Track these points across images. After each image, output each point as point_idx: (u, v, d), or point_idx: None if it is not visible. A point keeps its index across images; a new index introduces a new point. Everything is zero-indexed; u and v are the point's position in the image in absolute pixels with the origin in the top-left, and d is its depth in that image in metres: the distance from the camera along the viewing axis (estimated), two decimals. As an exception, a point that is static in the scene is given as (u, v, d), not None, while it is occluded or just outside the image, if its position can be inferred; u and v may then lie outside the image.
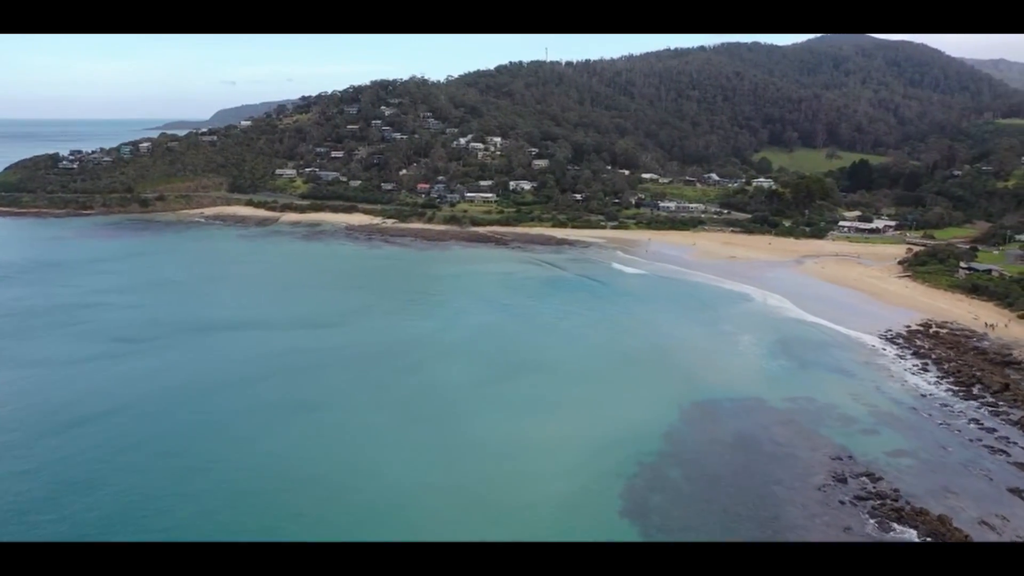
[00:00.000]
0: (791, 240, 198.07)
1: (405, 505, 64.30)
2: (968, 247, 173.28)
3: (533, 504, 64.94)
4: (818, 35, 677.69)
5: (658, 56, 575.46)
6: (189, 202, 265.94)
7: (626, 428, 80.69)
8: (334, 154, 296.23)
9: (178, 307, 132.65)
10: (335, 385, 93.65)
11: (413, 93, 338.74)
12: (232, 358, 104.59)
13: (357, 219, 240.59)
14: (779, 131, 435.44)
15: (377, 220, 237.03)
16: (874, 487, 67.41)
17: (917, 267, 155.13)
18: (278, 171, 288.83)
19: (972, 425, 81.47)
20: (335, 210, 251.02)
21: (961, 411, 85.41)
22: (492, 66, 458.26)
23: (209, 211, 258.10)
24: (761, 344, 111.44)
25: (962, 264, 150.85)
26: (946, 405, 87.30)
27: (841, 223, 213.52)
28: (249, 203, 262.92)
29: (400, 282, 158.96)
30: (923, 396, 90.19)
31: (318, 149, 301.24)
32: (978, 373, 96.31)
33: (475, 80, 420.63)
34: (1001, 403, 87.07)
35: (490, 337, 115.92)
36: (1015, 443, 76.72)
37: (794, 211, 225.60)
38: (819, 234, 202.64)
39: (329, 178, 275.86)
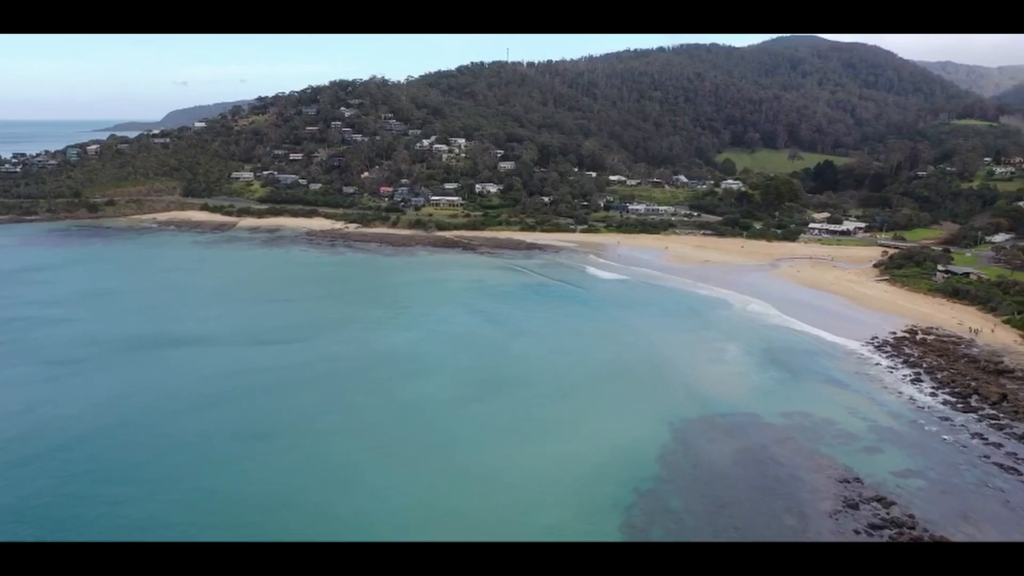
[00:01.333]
0: (763, 243, 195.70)
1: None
2: (941, 249, 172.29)
3: (524, 541, 59.35)
4: (774, 36, 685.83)
5: (619, 57, 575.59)
6: (141, 207, 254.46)
7: (618, 450, 75.60)
8: (293, 156, 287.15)
9: (119, 321, 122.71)
10: (298, 409, 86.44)
11: (373, 94, 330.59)
12: (179, 380, 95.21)
13: (318, 224, 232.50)
14: (741, 132, 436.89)
15: (339, 225, 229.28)
16: (888, 513, 63.20)
17: (894, 270, 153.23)
18: (234, 174, 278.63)
19: (976, 440, 78.05)
20: (295, 214, 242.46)
21: (962, 424, 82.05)
22: (453, 66, 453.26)
23: (162, 216, 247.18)
24: (748, 353, 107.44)
25: (939, 267, 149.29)
26: (946, 418, 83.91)
27: (812, 225, 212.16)
28: (204, 208, 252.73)
29: (367, 291, 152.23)
30: (921, 408, 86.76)
31: (276, 151, 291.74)
32: (973, 383, 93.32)
33: (436, 81, 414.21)
34: (1002, 415, 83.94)
35: (467, 349, 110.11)
36: (1024, 460, 73.45)
37: (764, 213, 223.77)
38: (791, 236, 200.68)
39: (288, 181, 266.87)
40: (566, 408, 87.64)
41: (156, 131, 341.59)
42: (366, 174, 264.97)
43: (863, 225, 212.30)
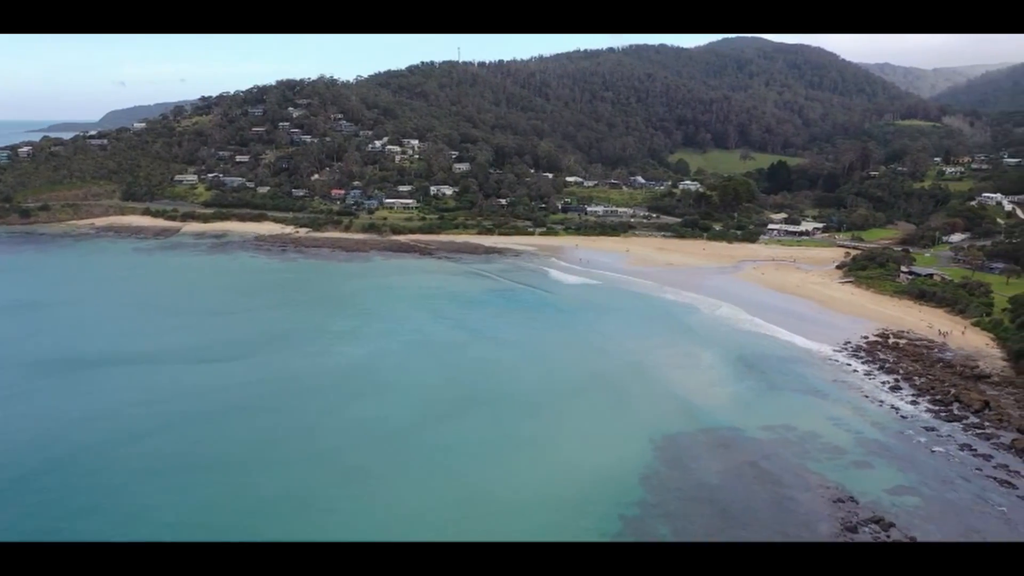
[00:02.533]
0: (724, 244, 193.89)
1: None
2: (901, 250, 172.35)
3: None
4: (720, 37, 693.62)
5: (569, 57, 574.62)
6: (78, 212, 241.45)
7: (599, 473, 70.93)
8: (239, 158, 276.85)
9: (46, 338, 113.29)
10: (250, 435, 79.45)
11: (322, 94, 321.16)
12: (113, 405, 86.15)
13: (267, 228, 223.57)
14: (693, 132, 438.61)
15: (289, 229, 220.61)
16: (888, 536, 59.82)
17: (858, 272, 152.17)
18: (177, 177, 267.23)
19: (965, 452, 75.50)
20: (242, 219, 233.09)
21: (949, 435, 79.55)
22: (403, 66, 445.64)
23: (100, 221, 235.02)
24: (724, 361, 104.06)
25: (903, 268, 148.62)
26: (931, 428, 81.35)
27: (771, 226, 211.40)
28: (146, 212, 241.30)
29: (322, 300, 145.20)
30: (905, 418, 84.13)
31: (221, 153, 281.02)
32: (952, 389, 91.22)
33: (387, 80, 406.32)
34: (987, 424, 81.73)
35: (431, 362, 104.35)
36: (1017, 472, 70.88)
37: (722, 214, 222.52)
38: (751, 238, 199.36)
39: (235, 184, 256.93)
40: (540, 426, 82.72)
41: (93, 132, 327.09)
42: (316, 176, 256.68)
43: (820, 225, 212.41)
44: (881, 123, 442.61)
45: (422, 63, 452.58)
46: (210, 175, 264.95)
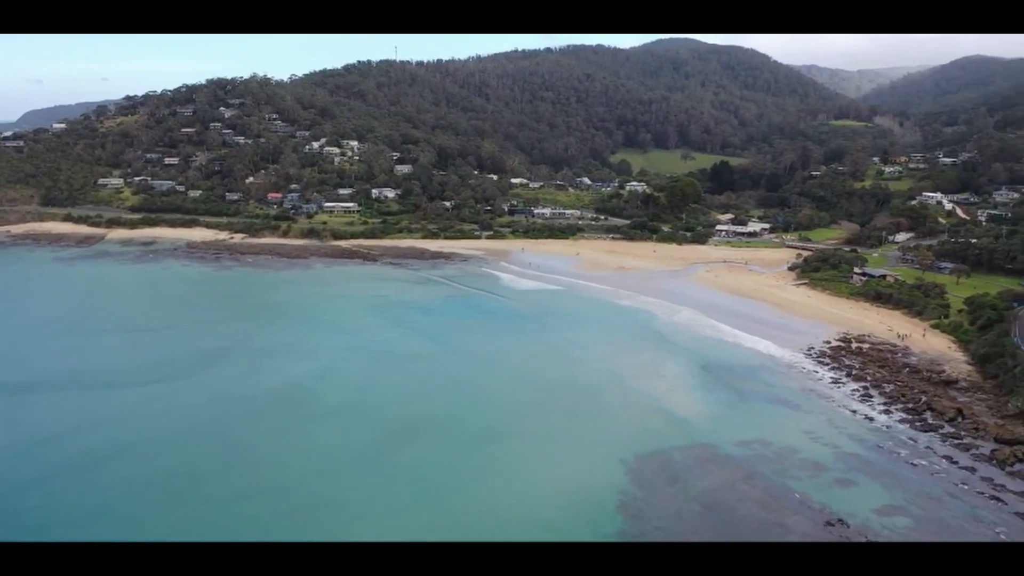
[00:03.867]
0: (675, 246, 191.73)
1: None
2: (850, 250, 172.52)
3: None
4: (655, 38, 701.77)
5: (507, 57, 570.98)
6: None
7: (571, 501, 65.59)
8: (168, 161, 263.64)
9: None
10: (181, 469, 71.05)
11: (255, 93, 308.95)
12: (14, 440, 76.84)
13: (199, 234, 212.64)
14: (633, 133, 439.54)
15: (224, 235, 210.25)
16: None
17: (811, 274, 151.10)
18: (101, 181, 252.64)
19: (947, 464, 72.91)
20: (173, 224, 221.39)
21: (928, 447, 76.96)
22: (339, 65, 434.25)
23: (17, 228, 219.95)
24: (689, 372, 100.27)
25: (856, 270, 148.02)
26: (909, 440, 78.65)
27: (718, 227, 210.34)
28: (67, 218, 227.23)
29: (259, 311, 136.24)
30: (880, 429, 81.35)
31: (148, 155, 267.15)
32: (923, 397, 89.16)
33: (323, 80, 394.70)
34: (963, 433, 79.50)
35: (381, 379, 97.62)
36: (1003, 486, 68.39)
37: (670, 215, 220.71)
38: (700, 240, 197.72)
39: (164, 188, 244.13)
40: (503, 450, 76.90)
41: (9, 133, 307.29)
42: (251, 179, 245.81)
43: (767, 226, 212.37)
44: (816, 123, 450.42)
45: (359, 62, 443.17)
46: (137, 178, 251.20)
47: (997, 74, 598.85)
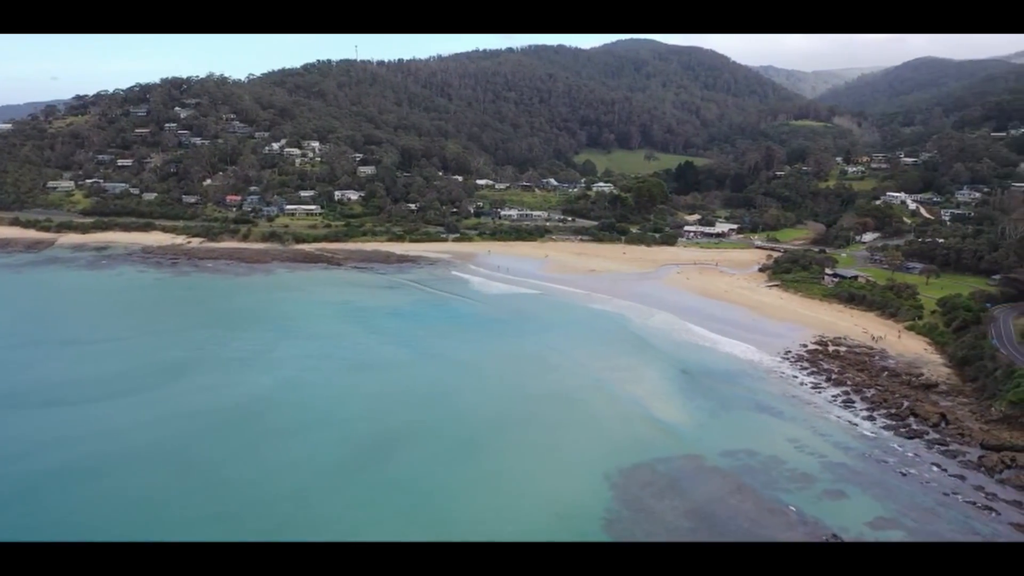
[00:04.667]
0: (644, 248, 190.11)
1: None
2: (818, 250, 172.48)
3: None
4: (615, 39, 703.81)
5: (469, 57, 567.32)
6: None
7: (555, 521, 62.55)
8: (121, 162, 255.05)
9: None
10: (142, 492, 66.37)
11: (212, 93, 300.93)
12: None
13: (155, 238, 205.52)
14: (597, 133, 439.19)
15: (181, 239, 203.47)
16: (885, 582, 54.16)
17: (783, 275, 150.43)
18: (51, 183, 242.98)
19: (936, 472, 71.53)
20: (127, 229, 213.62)
21: (915, 454, 75.50)
22: (298, 64, 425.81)
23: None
24: (667, 378, 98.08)
25: (827, 271, 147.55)
26: (895, 447, 77.19)
27: (686, 228, 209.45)
28: (15, 223, 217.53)
29: (220, 319, 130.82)
30: (865, 437, 79.84)
31: (101, 157, 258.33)
32: (905, 402, 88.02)
33: (282, 79, 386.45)
34: (948, 439, 78.27)
35: (349, 392, 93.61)
36: (994, 494, 67.08)
37: (638, 216, 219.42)
38: (669, 241, 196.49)
39: (117, 191, 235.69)
40: (483, 466, 73.72)
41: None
42: (209, 181, 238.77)
43: (734, 226, 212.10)
44: (776, 123, 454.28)
45: (318, 61, 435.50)
46: (89, 181, 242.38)
47: (949, 75, 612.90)
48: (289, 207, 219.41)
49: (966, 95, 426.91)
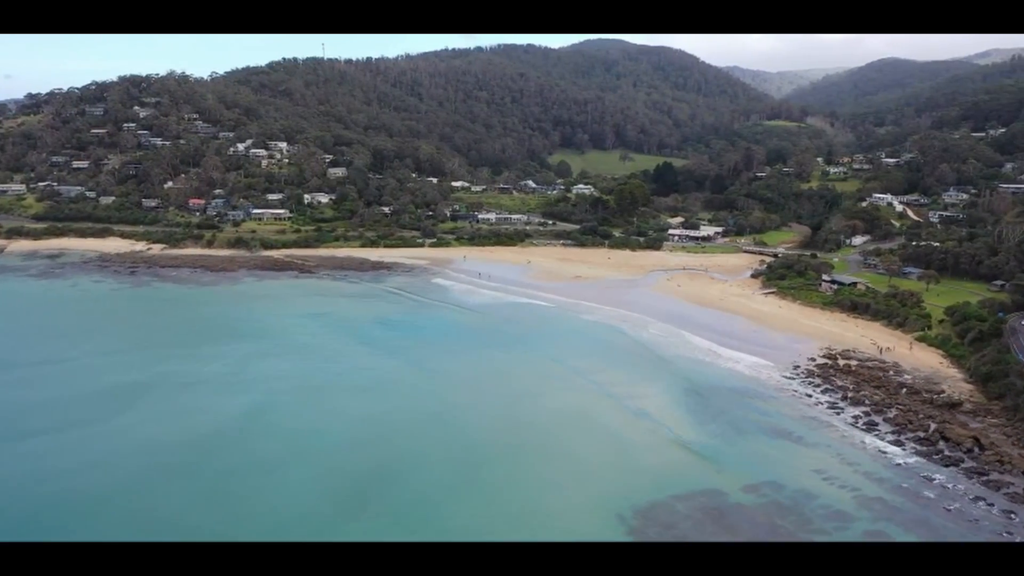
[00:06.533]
0: (629, 253, 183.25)
1: None
2: (810, 254, 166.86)
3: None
4: (584, 38, 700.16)
5: (438, 56, 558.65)
6: None
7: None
8: (76, 164, 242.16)
9: None
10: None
11: (173, 91, 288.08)
12: None
13: (113, 245, 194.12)
14: (570, 133, 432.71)
15: (140, 246, 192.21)
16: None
17: (778, 281, 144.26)
18: (1, 186, 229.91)
19: (982, 506, 64.99)
20: (83, 234, 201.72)
21: (954, 486, 68.90)
22: (263, 62, 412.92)
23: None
24: (673, 398, 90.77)
25: (824, 277, 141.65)
26: (930, 477, 70.57)
27: (671, 231, 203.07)
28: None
29: (182, 335, 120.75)
30: (898, 466, 73.14)
31: (55, 158, 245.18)
32: (931, 423, 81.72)
33: (246, 78, 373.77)
34: (987, 467, 71.95)
35: (327, 419, 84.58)
36: (1053, 534, 60.81)
37: (620, 219, 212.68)
38: (654, 245, 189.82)
39: (72, 194, 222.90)
40: (480, 508, 65.61)
41: None
42: (170, 184, 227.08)
43: (719, 229, 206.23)
44: (750, 124, 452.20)
45: (284, 59, 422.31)
46: (41, 184, 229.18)
47: (913, 76, 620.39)
48: (256, 211, 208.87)
49: (936, 95, 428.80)
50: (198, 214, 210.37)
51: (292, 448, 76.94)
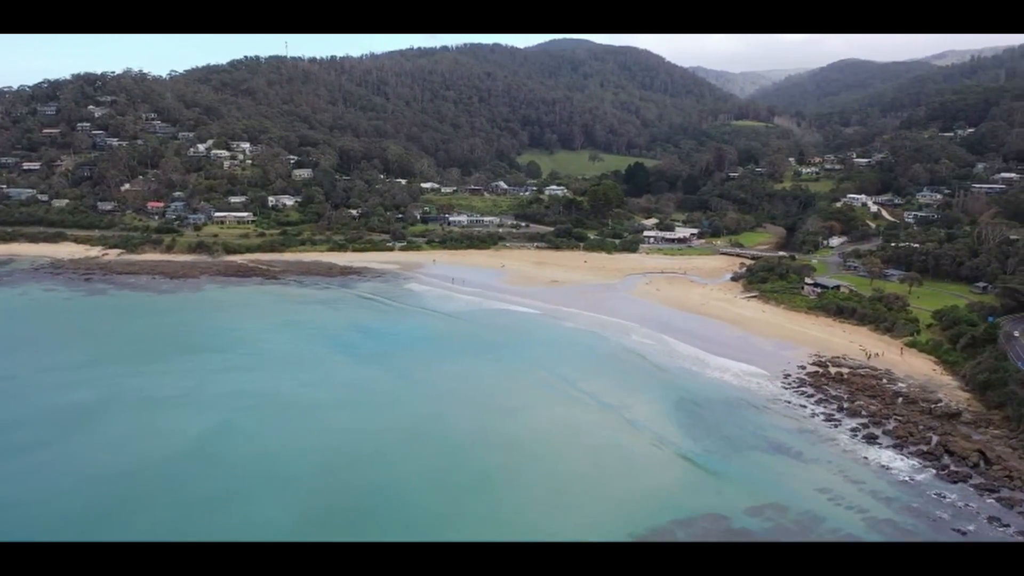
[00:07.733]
0: (605, 255, 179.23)
1: None
2: (788, 256, 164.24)
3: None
4: (550, 38, 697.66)
5: (404, 55, 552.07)
6: None
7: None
8: (27, 166, 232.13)
9: None
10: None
11: (130, 90, 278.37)
12: None
13: (67, 250, 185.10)
14: (539, 133, 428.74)
15: (96, 252, 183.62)
16: None
17: (759, 285, 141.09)
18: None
19: (996, 528, 61.64)
20: (34, 239, 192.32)
21: (965, 504, 65.47)
22: (224, 61, 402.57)
23: None
24: (663, 412, 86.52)
25: (807, 280, 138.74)
26: (939, 495, 67.10)
27: (646, 233, 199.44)
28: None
29: (139, 348, 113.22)
30: (904, 483, 69.56)
31: (4, 159, 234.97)
32: (932, 435, 78.47)
33: (207, 76, 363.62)
34: (996, 483, 68.69)
35: (296, 440, 78.83)
36: (1075, 558, 57.35)
37: (594, 221, 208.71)
38: (630, 247, 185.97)
39: (22, 197, 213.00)
40: (468, 540, 60.61)
41: None
42: (127, 186, 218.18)
43: (695, 231, 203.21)
44: (718, 123, 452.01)
45: (246, 58, 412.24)
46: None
47: (874, 76, 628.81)
48: (218, 214, 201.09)
49: (900, 96, 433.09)
50: (157, 218, 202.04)
51: (257, 475, 71.06)
